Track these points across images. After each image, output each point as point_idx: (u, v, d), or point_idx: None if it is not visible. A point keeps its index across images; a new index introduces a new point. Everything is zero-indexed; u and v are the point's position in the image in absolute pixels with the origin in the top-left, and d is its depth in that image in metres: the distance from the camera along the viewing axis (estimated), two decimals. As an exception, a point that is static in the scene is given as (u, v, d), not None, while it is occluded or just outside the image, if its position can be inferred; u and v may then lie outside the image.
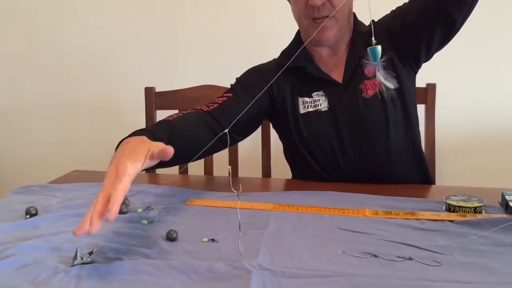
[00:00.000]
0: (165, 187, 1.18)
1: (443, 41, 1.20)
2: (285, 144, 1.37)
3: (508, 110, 1.93)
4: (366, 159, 1.24)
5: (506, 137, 1.94)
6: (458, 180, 1.69)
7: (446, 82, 1.67)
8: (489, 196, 1.01)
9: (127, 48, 2.18)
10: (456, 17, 1.13)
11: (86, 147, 2.27)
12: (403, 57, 1.25)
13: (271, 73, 1.27)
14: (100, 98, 2.24)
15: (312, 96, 1.26)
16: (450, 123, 1.89)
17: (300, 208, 1.00)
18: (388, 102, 1.22)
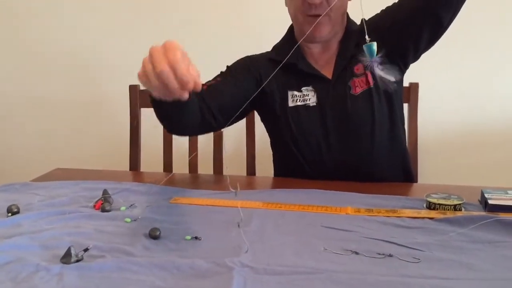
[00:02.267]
0: (149, 185, 1.18)
1: (430, 41, 1.22)
2: (272, 137, 1.38)
3: (489, 109, 1.96)
4: (350, 155, 1.26)
5: (486, 136, 1.97)
6: (440, 178, 1.70)
7: (429, 82, 1.69)
8: (469, 194, 1.03)
9: (111, 46, 2.17)
10: (443, 17, 1.15)
11: (69, 145, 2.26)
12: (392, 56, 1.25)
13: (261, 63, 1.31)
14: (84, 95, 2.23)
15: (302, 91, 1.28)
16: (432, 122, 1.92)
17: (283, 206, 1.01)
18: (375, 100, 1.24)
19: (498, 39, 1.92)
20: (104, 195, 1.03)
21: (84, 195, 1.09)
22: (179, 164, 1.57)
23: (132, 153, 1.58)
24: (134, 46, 2.15)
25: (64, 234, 0.86)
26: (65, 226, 0.90)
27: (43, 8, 2.20)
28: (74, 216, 0.95)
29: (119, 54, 2.17)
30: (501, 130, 1.96)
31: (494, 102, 1.95)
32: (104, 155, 2.16)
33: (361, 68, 1.25)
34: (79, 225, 0.90)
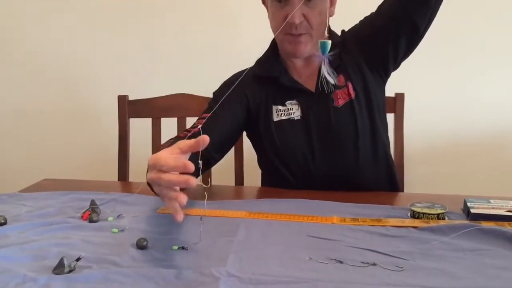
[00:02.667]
0: (137, 195, 1.18)
1: (409, 48, 1.25)
2: (258, 152, 1.39)
3: (475, 118, 1.99)
4: (336, 167, 1.27)
5: (470, 146, 2.00)
6: (425, 186, 1.73)
7: (415, 92, 1.71)
8: (452, 203, 1.05)
9: (100, 56, 2.18)
10: (420, 23, 1.17)
11: (57, 155, 2.25)
12: (372, 65, 1.29)
13: (246, 85, 1.30)
14: (72, 106, 2.22)
15: (286, 105, 1.29)
16: (418, 131, 1.94)
17: (270, 216, 1.02)
18: (357, 112, 1.25)
19: (481, 49, 1.96)
20: (92, 205, 1.04)
21: (72, 205, 1.10)
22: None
23: (120, 163, 1.58)
24: (122, 56, 2.16)
25: (52, 245, 0.86)
26: (52, 237, 0.90)
27: (31, 19, 2.20)
28: (62, 227, 0.95)
29: (108, 64, 2.18)
30: (485, 139, 1.99)
31: (477, 112, 1.99)
32: (93, 165, 2.16)
33: (342, 79, 1.27)
34: (66, 236, 0.91)
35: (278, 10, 1.20)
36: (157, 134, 1.60)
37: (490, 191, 1.64)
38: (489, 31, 1.95)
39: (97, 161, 2.16)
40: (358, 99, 1.26)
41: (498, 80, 1.97)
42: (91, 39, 2.17)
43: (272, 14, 1.24)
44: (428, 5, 1.14)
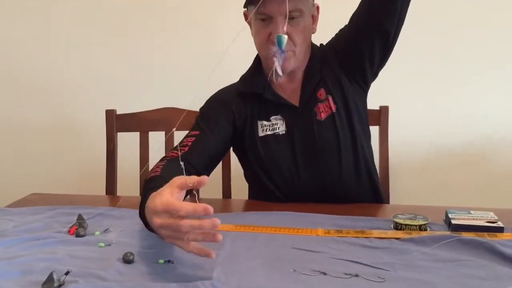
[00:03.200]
0: (124, 209, 1.19)
1: (383, 56, 1.28)
2: (244, 166, 1.41)
3: (458, 131, 2.02)
4: (320, 179, 1.29)
5: (454, 158, 2.03)
6: (411, 197, 1.75)
7: (399, 105, 1.74)
8: (434, 214, 1.07)
9: (88, 70, 2.18)
10: (389, 29, 1.21)
11: (45, 169, 2.25)
12: (351, 76, 1.32)
13: (232, 101, 1.33)
14: (60, 120, 2.22)
15: (270, 120, 1.31)
16: (403, 143, 1.97)
17: (256, 228, 1.04)
18: (338, 124, 1.28)
19: (464, 62, 2.00)
20: (79, 220, 1.04)
21: (59, 220, 1.10)
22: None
23: (108, 177, 1.59)
24: (110, 71, 2.17)
25: (38, 260, 0.87)
26: (39, 252, 0.90)
27: (17, 33, 2.20)
28: (48, 242, 0.96)
29: (96, 79, 2.18)
30: (467, 151, 2.02)
31: (460, 124, 2.02)
32: (81, 179, 2.16)
33: (323, 93, 1.29)
34: (53, 251, 0.91)
35: (263, 28, 1.22)
36: (145, 148, 1.60)
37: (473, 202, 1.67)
38: (471, 44, 1.98)
39: (85, 175, 2.16)
40: (338, 112, 1.29)
41: (480, 93, 2.00)
42: (79, 53, 2.18)
43: (256, 32, 1.26)
44: (394, 11, 1.18)
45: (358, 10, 1.26)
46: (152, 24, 2.12)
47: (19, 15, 2.19)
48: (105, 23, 2.15)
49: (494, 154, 2.02)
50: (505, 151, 2.01)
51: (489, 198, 1.93)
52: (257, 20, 1.23)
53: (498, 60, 1.98)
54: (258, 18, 1.22)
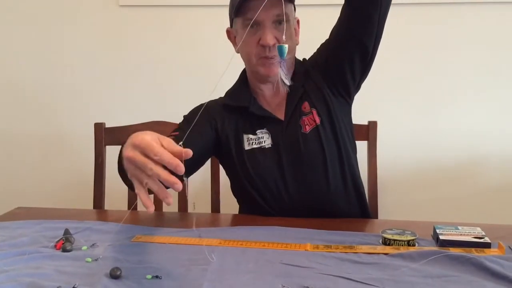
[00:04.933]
0: (112, 223, 1.18)
1: (363, 69, 1.31)
2: (232, 180, 1.41)
3: (443, 146, 2.04)
4: (307, 193, 1.29)
5: (442, 173, 2.05)
6: (399, 212, 1.76)
7: (387, 120, 1.76)
8: (422, 229, 1.08)
9: (76, 83, 2.18)
10: (367, 43, 1.24)
11: (32, 183, 2.22)
12: (334, 90, 1.33)
13: (216, 111, 1.34)
14: (47, 132, 2.21)
15: (256, 134, 1.31)
16: (391, 158, 1.99)
17: (244, 243, 1.03)
18: (323, 137, 1.29)
19: (452, 78, 2.03)
20: (66, 234, 1.03)
21: (45, 234, 1.09)
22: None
23: (96, 190, 1.58)
24: (98, 84, 2.17)
25: (24, 275, 0.85)
26: (25, 267, 0.89)
27: (6, 42, 2.20)
28: (35, 257, 0.95)
29: (84, 92, 2.17)
30: (455, 166, 2.04)
31: (448, 139, 2.04)
32: (68, 193, 2.14)
33: (307, 106, 1.31)
34: (39, 266, 0.90)
35: (251, 36, 1.24)
36: (133, 162, 1.60)
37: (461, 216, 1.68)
38: (458, 60, 2.02)
39: (72, 188, 2.14)
40: (323, 124, 1.30)
41: (467, 108, 2.03)
42: (67, 67, 2.18)
43: (244, 42, 1.26)
44: (371, 26, 1.21)
45: (337, 25, 1.29)
46: (143, 39, 2.13)
47: (9, 25, 2.19)
48: (96, 37, 2.15)
49: (482, 168, 2.04)
50: (492, 166, 2.03)
51: (477, 212, 1.95)
52: (244, 29, 1.23)
53: (484, 76, 2.02)
54: (246, 25, 1.22)
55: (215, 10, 2.00)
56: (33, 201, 1.51)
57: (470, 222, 1.13)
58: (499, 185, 2.02)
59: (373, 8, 1.19)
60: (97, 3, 2.12)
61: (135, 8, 2.11)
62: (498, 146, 2.02)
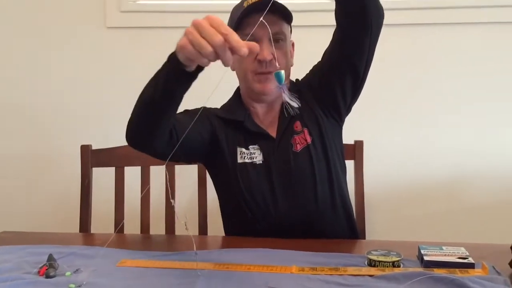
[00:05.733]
0: (97, 247, 1.17)
1: (354, 92, 1.33)
2: (220, 193, 1.41)
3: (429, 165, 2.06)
4: (296, 211, 1.30)
5: (428, 191, 2.07)
6: (385, 231, 1.77)
7: (373, 139, 1.78)
8: (407, 250, 1.08)
9: (63, 105, 2.17)
10: (359, 67, 1.26)
11: (17, 206, 2.19)
12: (325, 110, 1.36)
13: (213, 117, 1.35)
14: (32, 155, 2.18)
15: (249, 149, 1.33)
16: (378, 177, 2.00)
17: (230, 266, 1.03)
18: (314, 157, 1.30)
19: (436, 99, 2.05)
20: (49, 260, 1.02)
21: (29, 260, 1.07)
22: (131, 223, 1.56)
23: (82, 213, 1.57)
24: (85, 105, 2.16)
25: None
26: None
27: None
28: (17, 284, 0.93)
29: (71, 114, 2.17)
30: (440, 185, 2.06)
31: (433, 158, 2.06)
32: (55, 216, 2.11)
33: (299, 125, 1.33)
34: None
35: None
36: (120, 183, 1.59)
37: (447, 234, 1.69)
38: (444, 79, 2.05)
39: (59, 212, 2.11)
40: (314, 144, 1.32)
41: (453, 127, 2.05)
42: (54, 89, 2.17)
43: (240, 59, 1.26)
44: (363, 49, 1.24)
45: (329, 48, 1.31)
46: (129, 60, 2.13)
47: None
48: (83, 57, 2.15)
49: (467, 186, 2.05)
50: (477, 184, 2.05)
51: (462, 229, 1.96)
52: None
53: (471, 95, 2.04)
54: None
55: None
56: (19, 224, 1.49)
57: (455, 242, 1.13)
58: (484, 203, 2.04)
59: (364, 33, 1.21)
60: (85, 25, 2.13)
61: (123, 30, 2.12)
62: (482, 164, 2.04)
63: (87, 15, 2.12)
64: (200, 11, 2.05)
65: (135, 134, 1.17)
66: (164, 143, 1.14)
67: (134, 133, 1.16)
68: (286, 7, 1.29)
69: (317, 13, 1.99)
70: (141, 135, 1.15)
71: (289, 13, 1.31)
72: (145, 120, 1.12)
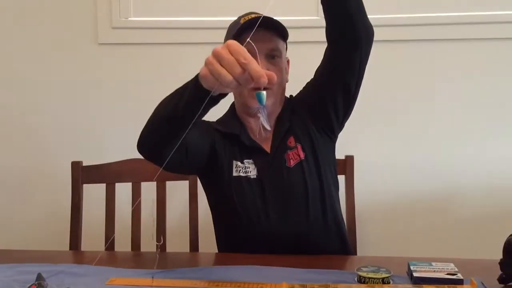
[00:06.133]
0: (87, 266, 1.16)
1: (346, 108, 1.35)
2: (214, 207, 1.41)
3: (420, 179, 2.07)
4: (288, 226, 1.30)
5: (418, 206, 2.07)
6: (376, 246, 1.77)
7: (364, 154, 1.79)
8: (397, 266, 1.08)
9: (54, 121, 2.16)
10: (350, 83, 1.28)
11: (7, 223, 2.16)
12: (318, 127, 1.37)
13: (211, 128, 1.36)
14: (22, 171, 2.16)
15: (244, 163, 1.33)
16: (368, 191, 2.00)
17: (220, 284, 1.02)
18: (306, 172, 1.31)
19: (426, 114, 2.07)
20: (38, 279, 1.01)
21: (18, 279, 1.06)
22: (122, 241, 1.55)
23: (72, 230, 1.56)
24: (75, 122, 2.15)
25: None
26: (-6, 316, 0.87)
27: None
28: (5, 304, 0.93)
29: (61, 129, 2.16)
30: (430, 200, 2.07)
31: (423, 172, 2.07)
32: (44, 232, 2.09)
33: (292, 141, 1.34)
34: (9, 314, 0.88)
35: None
36: (111, 200, 1.59)
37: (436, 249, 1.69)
38: (435, 96, 2.06)
39: (48, 229, 2.09)
40: (307, 160, 1.33)
41: (443, 142, 2.06)
42: (44, 104, 2.16)
43: None
44: (354, 66, 1.25)
45: (321, 66, 1.33)
46: (121, 76, 2.13)
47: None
48: (75, 74, 2.15)
49: (457, 201, 2.06)
50: (467, 199, 2.06)
51: (452, 244, 1.97)
52: None
53: (459, 111, 2.06)
54: None
55: (196, 47, 2.02)
56: (7, 241, 1.48)
57: (444, 257, 1.14)
58: (474, 218, 2.04)
59: (354, 51, 1.23)
60: (76, 42, 2.13)
61: (115, 46, 2.12)
62: (472, 179, 2.05)
63: (79, 31, 2.12)
64: (192, 28, 2.07)
65: (150, 145, 1.18)
66: (177, 154, 1.14)
67: (150, 144, 1.18)
68: (281, 23, 1.30)
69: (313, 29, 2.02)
70: (156, 146, 1.16)
71: (285, 30, 1.32)
72: (163, 133, 1.12)
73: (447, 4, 2.01)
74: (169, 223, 1.61)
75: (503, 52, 2.03)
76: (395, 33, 2.01)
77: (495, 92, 2.05)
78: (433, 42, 2.04)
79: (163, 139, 1.13)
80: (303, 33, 1.98)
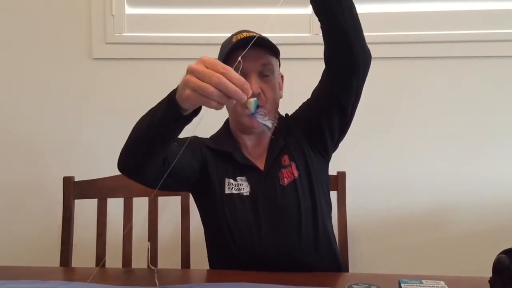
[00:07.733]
0: (77, 283, 1.15)
1: (342, 130, 1.36)
2: (206, 223, 1.41)
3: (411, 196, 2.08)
4: (280, 243, 1.30)
5: (409, 223, 2.08)
6: (369, 262, 1.76)
7: (355, 170, 1.79)
8: (388, 283, 1.08)
9: (47, 136, 2.16)
10: (346, 105, 1.29)
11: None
12: (313, 146, 1.38)
13: (203, 145, 1.37)
14: (13, 186, 2.15)
15: (237, 180, 1.33)
16: (360, 208, 2.01)
17: (211, 302, 1.02)
18: (300, 190, 1.31)
19: (417, 131, 2.09)
20: (28, 297, 1.01)
21: (7, 296, 1.06)
22: (113, 257, 1.55)
23: (63, 246, 1.55)
24: (67, 137, 2.15)
25: None
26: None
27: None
28: (-6, 322, 0.92)
29: (53, 146, 2.15)
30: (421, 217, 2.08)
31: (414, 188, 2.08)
32: (34, 249, 2.08)
33: (287, 159, 1.35)
34: (-3, 333, 0.87)
35: None
36: (102, 215, 1.58)
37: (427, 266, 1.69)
38: (424, 112, 2.08)
39: (39, 245, 2.07)
40: (301, 178, 1.33)
41: (434, 159, 2.08)
42: (38, 120, 2.16)
43: None
44: (351, 89, 1.27)
45: (318, 87, 1.35)
46: (114, 91, 2.14)
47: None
48: (68, 89, 2.15)
49: (449, 217, 2.07)
50: (459, 214, 2.07)
51: (444, 260, 1.97)
52: None
53: (450, 126, 2.08)
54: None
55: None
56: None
57: (435, 274, 1.14)
58: (465, 235, 2.05)
59: (351, 74, 1.24)
60: (70, 56, 2.14)
61: (108, 61, 2.13)
62: (463, 196, 2.07)
63: (73, 46, 2.14)
64: (186, 43, 2.09)
65: (129, 164, 1.18)
66: (157, 172, 1.14)
67: (128, 163, 1.17)
68: (273, 43, 1.32)
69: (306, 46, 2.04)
70: (134, 164, 1.17)
71: (276, 47, 1.33)
72: (139, 152, 1.13)
73: (434, 23, 2.05)
74: (161, 239, 1.60)
75: (495, 70, 2.06)
76: (385, 51, 2.03)
77: (486, 109, 2.07)
78: (423, 59, 2.06)
79: (140, 158, 1.13)
80: (296, 49, 2.00)
